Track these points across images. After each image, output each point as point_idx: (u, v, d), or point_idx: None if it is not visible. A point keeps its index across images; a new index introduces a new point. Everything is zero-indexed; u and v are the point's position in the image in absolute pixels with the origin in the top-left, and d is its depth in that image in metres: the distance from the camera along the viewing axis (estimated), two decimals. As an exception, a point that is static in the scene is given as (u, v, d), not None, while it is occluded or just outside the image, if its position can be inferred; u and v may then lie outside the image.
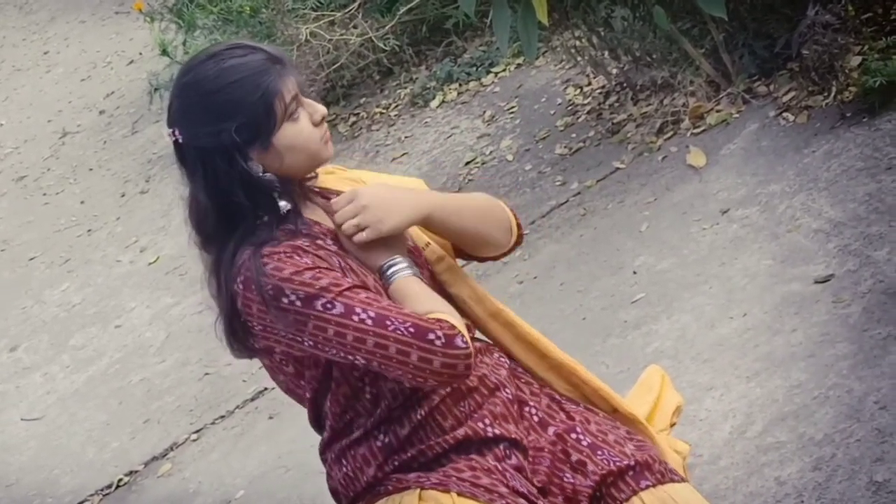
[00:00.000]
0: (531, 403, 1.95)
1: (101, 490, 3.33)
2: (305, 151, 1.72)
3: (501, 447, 1.88)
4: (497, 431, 1.88)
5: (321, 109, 1.75)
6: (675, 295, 3.05)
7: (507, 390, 1.91)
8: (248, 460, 2.99)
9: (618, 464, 1.87)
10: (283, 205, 1.66)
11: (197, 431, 3.42)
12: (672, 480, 1.90)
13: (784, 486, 2.33)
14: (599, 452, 1.88)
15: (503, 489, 1.80)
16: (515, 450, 1.88)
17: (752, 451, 2.47)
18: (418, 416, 1.86)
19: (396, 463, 1.85)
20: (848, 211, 3.01)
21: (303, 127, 1.71)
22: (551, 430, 1.92)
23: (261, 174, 1.66)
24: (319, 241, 1.76)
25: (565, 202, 3.71)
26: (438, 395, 1.82)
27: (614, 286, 3.23)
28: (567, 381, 2.03)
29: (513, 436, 1.89)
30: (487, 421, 1.87)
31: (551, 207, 3.72)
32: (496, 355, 1.96)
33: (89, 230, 4.91)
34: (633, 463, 1.88)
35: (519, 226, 1.95)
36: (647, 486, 1.85)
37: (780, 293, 2.85)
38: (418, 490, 1.82)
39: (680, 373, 2.79)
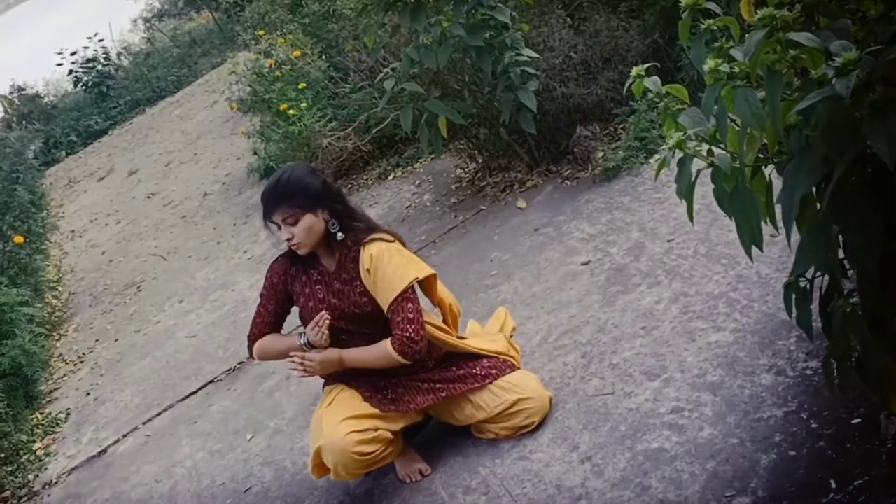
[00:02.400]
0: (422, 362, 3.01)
1: (225, 371, 4.58)
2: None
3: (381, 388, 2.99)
4: (381, 384, 2.99)
5: (284, 236, 2.82)
6: (511, 272, 4.11)
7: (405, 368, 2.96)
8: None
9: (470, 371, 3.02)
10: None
11: None
12: (512, 371, 3.04)
13: (567, 366, 3.26)
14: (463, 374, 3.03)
15: (372, 389, 2.94)
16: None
17: (550, 350, 3.39)
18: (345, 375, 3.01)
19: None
20: (597, 229, 4.09)
21: (279, 233, 2.85)
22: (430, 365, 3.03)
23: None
24: (311, 273, 2.92)
25: (456, 226, 4.89)
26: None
27: (480, 268, 4.29)
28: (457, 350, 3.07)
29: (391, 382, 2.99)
30: (382, 383, 2.99)
31: (448, 229, 4.89)
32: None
33: (218, 242, 6.64)
34: (479, 373, 3.01)
35: (404, 355, 2.85)
36: (492, 381, 2.97)
37: (564, 270, 3.90)
38: (336, 383, 3.00)
39: (514, 311, 3.73)
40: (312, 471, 3.00)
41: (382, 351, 2.82)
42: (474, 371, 3.00)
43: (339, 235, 2.84)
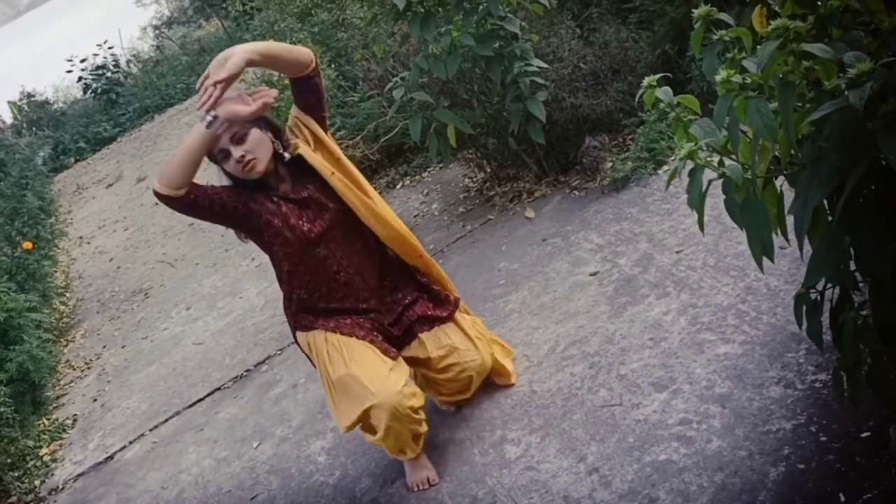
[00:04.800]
0: (389, 278, 2.99)
1: (232, 378, 4.59)
2: (234, 170, 2.67)
3: (363, 313, 2.93)
4: (363, 306, 2.93)
5: (236, 155, 2.61)
6: (518, 282, 4.05)
7: (372, 279, 2.93)
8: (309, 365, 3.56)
9: (426, 313, 3.02)
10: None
11: (280, 350, 4.62)
12: (448, 321, 3.07)
13: (574, 377, 3.23)
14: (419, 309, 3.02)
15: (366, 330, 2.90)
16: (371, 312, 2.95)
17: (558, 360, 3.37)
18: (306, 293, 2.87)
19: (307, 312, 2.89)
20: (605, 239, 4.06)
21: (229, 164, 2.66)
22: (398, 294, 3.02)
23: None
24: (272, 200, 2.74)
25: (464, 235, 4.87)
26: (312, 280, 2.83)
27: (488, 277, 4.26)
28: (428, 274, 3.08)
29: (371, 307, 2.94)
30: (355, 297, 2.90)
31: (456, 238, 4.87)
32: (384, 263, 2.96)
33: (226, 249, 6.64)
34: (432, 314, 3.04)
35: (316, 60, 2.66)
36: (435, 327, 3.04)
37: (572, 281, 3.87)
38: (323, 332, 2.88)
39: (521, 320, 3.73)
40: (362, 431, 2.98)
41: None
42: (434, 313, 3.07)
43: (286, 155, 2.75)
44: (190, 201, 2.61)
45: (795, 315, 1.94)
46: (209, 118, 2.50)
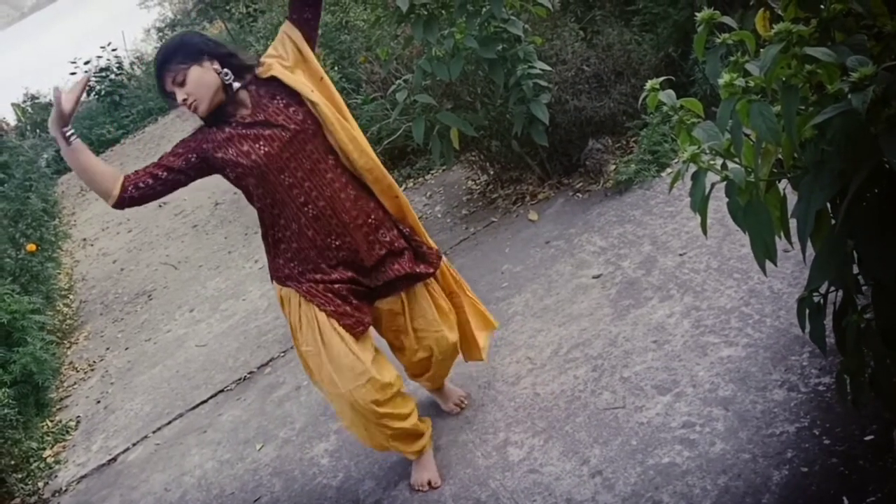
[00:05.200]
0: (372, 216, 2.81)
1: (235, 380, 4.57)
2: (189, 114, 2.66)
3: (341, 270, 2.78)
4: (334, 258, 2.76)
5: (180, 97, 2.59)
6: (522, 284, 4.09)
7: (346, 213, 2.72)
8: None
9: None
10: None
11: (283, 352, 4.64)
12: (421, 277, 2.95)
13: (577, 379, 3.23)
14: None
15: (339, 301, 2.76)
16: (352, 264, 2.79)
17: (561, 362, 3.37)
18: (279, 232, 2.75)
19: (281, 258, 2.78)
20: (608, 242, 4.09)
21: (179, 107, 2.63)
22: (381, 233, 2.84)
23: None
24: (225, 128, 2.65)
25: (467, 238, 4.90)
26: (281, 214, 2.70)
27: (492, 280, 4.27)
28: (403, 219, 2.93)
29: (344, 254, 2.76)
30: (337, 243, 2.74)
31: (460, 240, 4.90)
32: (357, 199, 2.76)
33: (229, 252, 6.69)
34: (418, 272, 2.91)
35: None
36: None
37: (575, 283, 3.89)
38: (298, 294, 2.78)
39: (524, 323, 3.75)
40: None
41: None
42: (419, 270, 2.97)
43: (236, 85, 2.66)
44: (134, 194, 2.64)
45: (798, 318, 1.95)
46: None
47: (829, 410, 2.57)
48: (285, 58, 2.72)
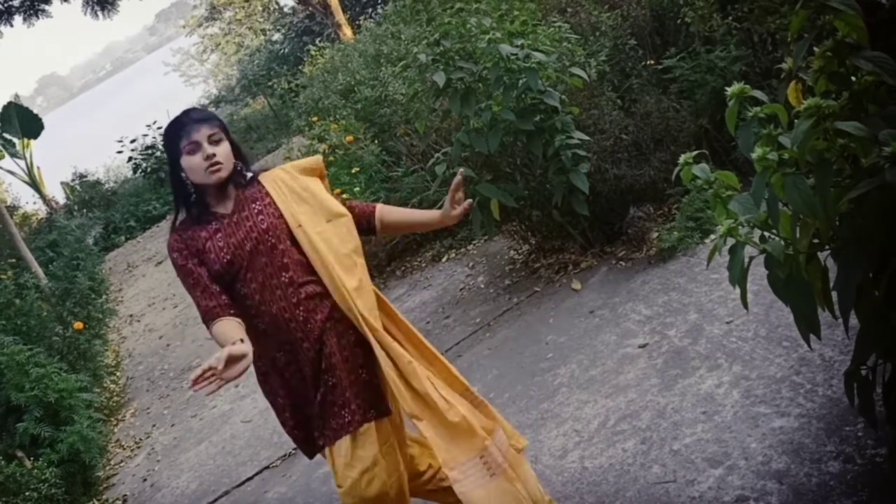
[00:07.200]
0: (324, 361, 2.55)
1: (280, 457, 4.55)
2: (197, 167, 2.48)
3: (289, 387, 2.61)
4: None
5: (209, 151, 2.47)
6: (566, 355, 4.04)
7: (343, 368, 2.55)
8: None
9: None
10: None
11: None
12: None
13: (626, 452, 3.14)
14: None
15: (293, 422, 2.62)
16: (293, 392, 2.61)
17: (609, 435, 3.29)
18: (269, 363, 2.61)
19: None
20: (653, 311, 4.03)
21: (193, 159, 2.48)
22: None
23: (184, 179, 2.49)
24: (209, 226, 2.52)
25: (510, 308, 4.85)
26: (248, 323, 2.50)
27: (536, 350, 4.21)
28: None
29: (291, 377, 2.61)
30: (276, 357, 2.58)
31: (503, 311, 4.86)
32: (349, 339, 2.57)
33: None
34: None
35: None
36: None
37: (620, 353, 3.83)
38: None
39: (570, 394, 3.68)
40: None
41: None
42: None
43: (249, 174, 2.64)
44: (239, 313, 2.52)
45: (847, 392, 1.90)
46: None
47: (887, 483, 2.47)
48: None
